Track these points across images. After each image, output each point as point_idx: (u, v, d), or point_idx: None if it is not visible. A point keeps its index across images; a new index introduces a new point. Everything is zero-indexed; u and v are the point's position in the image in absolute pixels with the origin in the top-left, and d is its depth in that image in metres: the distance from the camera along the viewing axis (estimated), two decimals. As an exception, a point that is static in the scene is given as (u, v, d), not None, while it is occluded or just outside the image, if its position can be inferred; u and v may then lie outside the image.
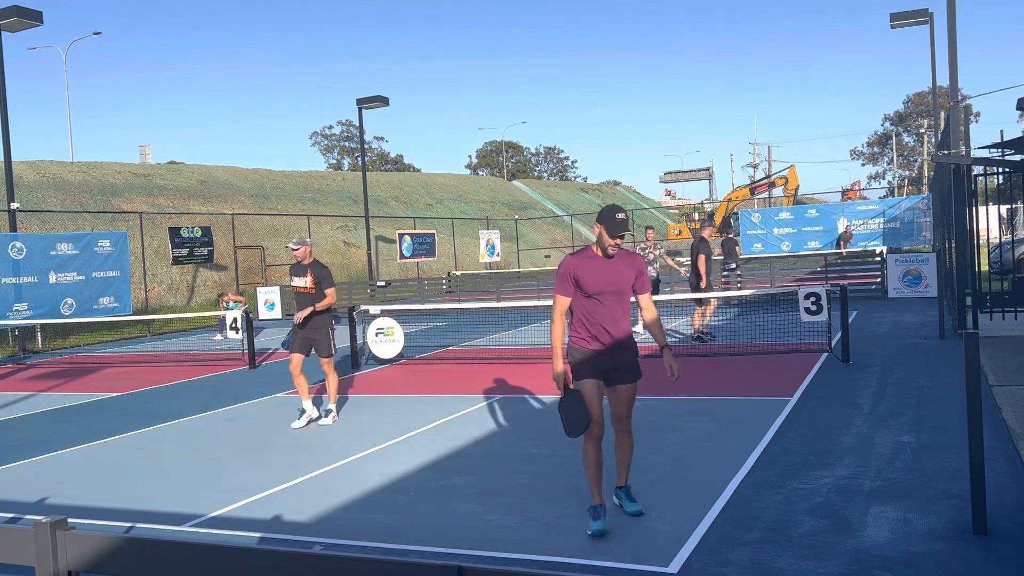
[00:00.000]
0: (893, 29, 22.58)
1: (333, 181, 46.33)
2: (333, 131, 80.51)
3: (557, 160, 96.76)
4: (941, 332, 12.45)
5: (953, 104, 13.08)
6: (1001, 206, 16.66)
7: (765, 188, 49.28)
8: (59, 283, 18.84)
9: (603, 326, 4.95)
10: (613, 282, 4.93)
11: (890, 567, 4.19)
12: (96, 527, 5.53)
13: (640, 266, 5.09)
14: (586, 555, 4.59)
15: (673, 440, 7.03)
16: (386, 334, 12.92)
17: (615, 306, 4.97)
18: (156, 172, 36.67)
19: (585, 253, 4.98)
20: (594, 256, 4.96)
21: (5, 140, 18.08)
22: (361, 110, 28.37)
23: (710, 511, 5.16)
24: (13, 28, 18.05)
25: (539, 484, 5.98)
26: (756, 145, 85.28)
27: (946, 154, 12.72)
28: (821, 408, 7.98)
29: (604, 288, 4.92)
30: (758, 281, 22.93)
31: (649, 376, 10.42)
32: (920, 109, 74.82)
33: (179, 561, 2.06)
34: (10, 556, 2.21)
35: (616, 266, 4.96)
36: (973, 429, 4.57)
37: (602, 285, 4.91)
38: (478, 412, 8.74)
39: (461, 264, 40.64)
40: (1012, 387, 8.18)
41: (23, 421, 9.87)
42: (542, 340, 14.78)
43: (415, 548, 4.84)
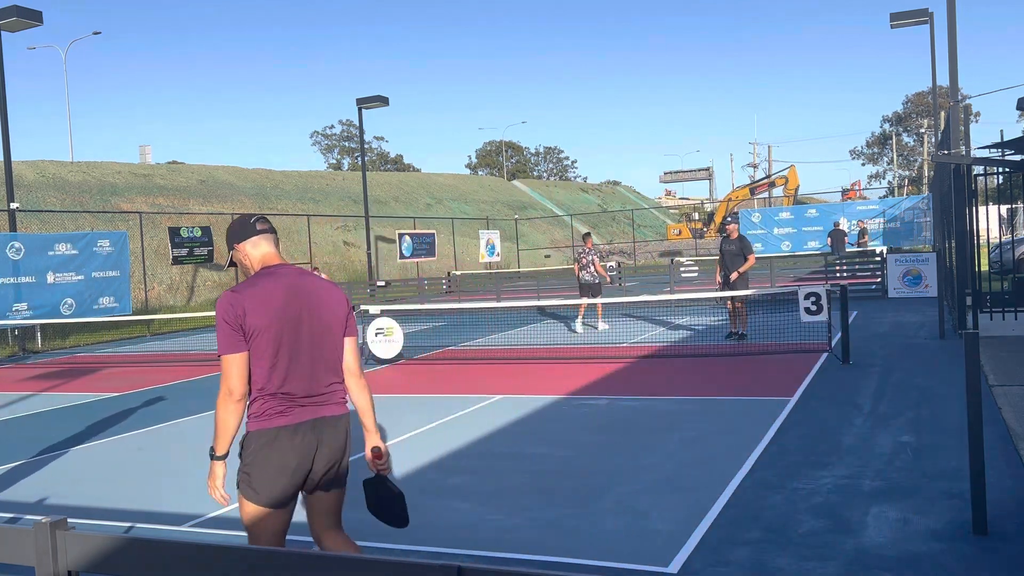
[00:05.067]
0: (893, 29, 22.58)
1: (333, 181, 46.32)
2: (333, 131, 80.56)
3: (557, 160, 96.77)
4: (941, 332, 12.45)
5: (953, 104, 13.08)
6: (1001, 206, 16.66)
7: (765, 188, 49.32)
8: (58, 283, 18.84)
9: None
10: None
11: (890, 567, 4.19)
12: (96, 527, 5.53)
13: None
14: (586, 555, 4.59)
15: (673, 440, 7.03)
16: (386, 334, 12.92)
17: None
18: (156, 172, 36.66)
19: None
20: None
21: (5, 140, 18.08)
22: (361, 110, 28.36)
23: (710, 511, 5.16)
24: (13, 28, 18.04)
25: (539, 484, 5.98)
26: (756, 145, 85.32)
27: (946, 154, 12.72)
28: (821, 408, 7.98)
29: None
30: (758, 281, 22.93)
31: (649, 376, 10.43)
32: (920, 109, 74.80)
33: (179, 561, 2.06)
34: (10, 556, 2.21)
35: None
36: (973, 429, 4.57)
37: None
38: (478, 412, 8.74)
39: (461, 264, 40.62)
40: (1012, 387, 8.18)
41: (23, 421, 9.87)
42: (542, 340, 14.78)
43: (415, 548, 4.84)
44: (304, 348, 3.29)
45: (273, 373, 3.23)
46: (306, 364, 3.29)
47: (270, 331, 3.22)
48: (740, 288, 12.90)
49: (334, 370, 3.39)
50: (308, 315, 3.31)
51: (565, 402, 8.98)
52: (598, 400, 8.97)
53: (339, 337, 3.42)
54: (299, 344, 3.28)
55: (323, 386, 3.34)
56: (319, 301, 3.36)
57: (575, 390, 9.64)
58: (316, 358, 3.32)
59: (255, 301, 3.22)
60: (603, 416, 8.16)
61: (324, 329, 3.34)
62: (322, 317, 3.34)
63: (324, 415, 3.32)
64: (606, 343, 13.86)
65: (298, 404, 3.28)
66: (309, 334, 3.31)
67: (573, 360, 12.11)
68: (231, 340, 3.20)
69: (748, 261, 12.90)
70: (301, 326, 3.29)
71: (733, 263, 13.02)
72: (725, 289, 13.00)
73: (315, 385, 3.31)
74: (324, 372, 3.34)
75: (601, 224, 56.36)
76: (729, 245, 13.10)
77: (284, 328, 3.25)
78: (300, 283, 3.36)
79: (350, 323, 3.48)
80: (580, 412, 8.40)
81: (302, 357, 3.29)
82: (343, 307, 3.44)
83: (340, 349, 3.43)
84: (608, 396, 9.15)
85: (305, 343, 3.30)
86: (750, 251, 13.01)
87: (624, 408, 8.48)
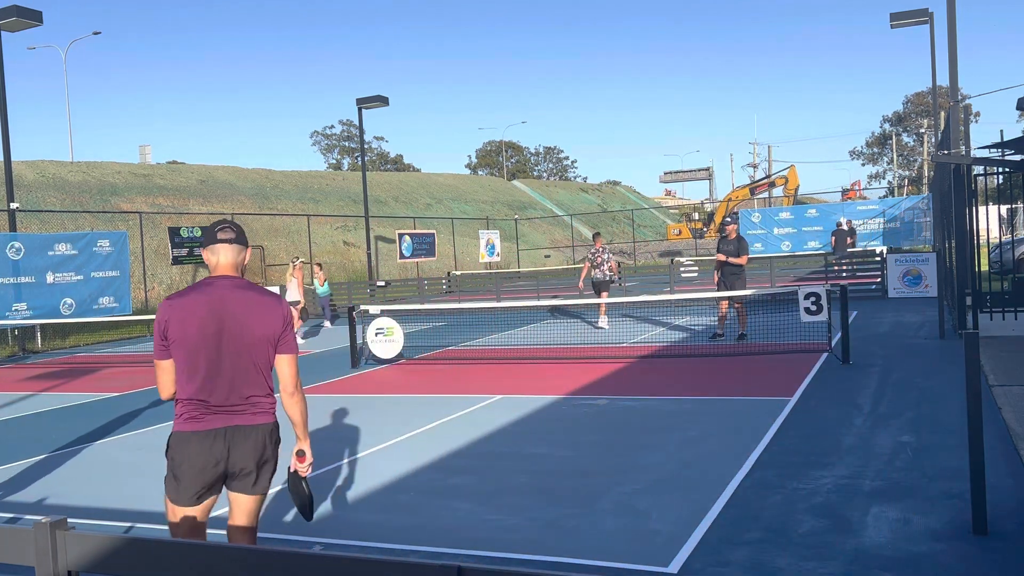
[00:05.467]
0: (893, 29, 22.58)
1: (333, 181, 46.33)
2: (333, 131, 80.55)
3: (557, 160, 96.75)
4: (941, 332, 12.45)
5: (953, 104, 13.08)
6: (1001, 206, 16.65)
7: (765, 188, 49.31)
8: (58, 283, 18.83)
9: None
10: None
11: (890, 567, 4.19)
12: (96, 527, 5.53)
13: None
14: (586, 555, 4.59)
15: (673, 440, 7.03)
16: (386, 334, 12.92)
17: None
18: (156, 172, 36.67)
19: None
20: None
21: (5, 140, 18.08)
22: (361, 110, 28.36)
23: (710, 511, 5.16)
24: (13, 28, 18.04)
25: (539, 484, 5.98)
26: (756, 145, 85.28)
27: (946, 154, 12.72)
28: (821, 408, 7.98)
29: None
30: (758, 281, 22.93)
31: (649, 376, 10.43)
32: (920, 109, 74.78)
33: (179, 561, 2.06)
34: (10, 556, 2.21)
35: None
36: (973, 429, 4.57)
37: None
38: (478, 412, 8.74)
39: (461, 264, 40.63)
40: (1012, 387, 8.18)
41: (23, 421, 9.87)
42: (542, 340, 14.78)
43: (415, 548, 4.84)
44: (223, 361, 3.40)
45: (189, 382, 3.40)
46: (224, 376, 3.40)
47: (187, 343, 3.38)
48: (738, 288, 12.90)
49: (255, 384, 3.44)
50: (228, 331, 3.40)
51: (565, 402, 8.98)
52: (598, 400, 8.97)
53: (264, 354, 3.46)
54: (218, 356, 3.40)
55: (240, 398, 3.42)
56: (244, 318, 3.42)
57: (575, 390, 9.64)
58: (236, 371, 3.41)
59: (178, 314, 3.39)
60: (603, 416, 8.16)
61: (245, 346, 3.41)
62: (243, 334, 3.41)
63: (237, 424, 3.41)
64: (606, 343, 13.86)
65: (212, 412, 3.40)
66: (229, 349, 3.41)
67: (573, 360, 12.11)
68: (158, 347, 3.46)
69: (739, 259, 12.91)
70: (221, 340, 3.39)
71: (730, 264, 13.03)
72: (723, 289, 13.00)
73: (231, 396, 3.41)
74: (242, 385, 3.42)
75: (601, 224, 56.35)
76: (727, 245, 13.10)
77: (201, 342, 3.38)
78: (228, 298, 3.44)
79: (284, 341, 3.50)
80: (580, 412, 8.40)
81: (220, 369, 3.40)
82: (274, 326, 3.46)
83: (264, 365, 3.47)
84: (608, 396, 9.15)
85: (224, 356, 3.40)
86: (745, 252, 13.03)
87: (624, 408, 8.48)
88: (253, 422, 3.43)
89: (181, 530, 3.45)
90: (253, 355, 3.42)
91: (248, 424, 3.42)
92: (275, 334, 3.47)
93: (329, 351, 15.20)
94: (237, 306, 3.42)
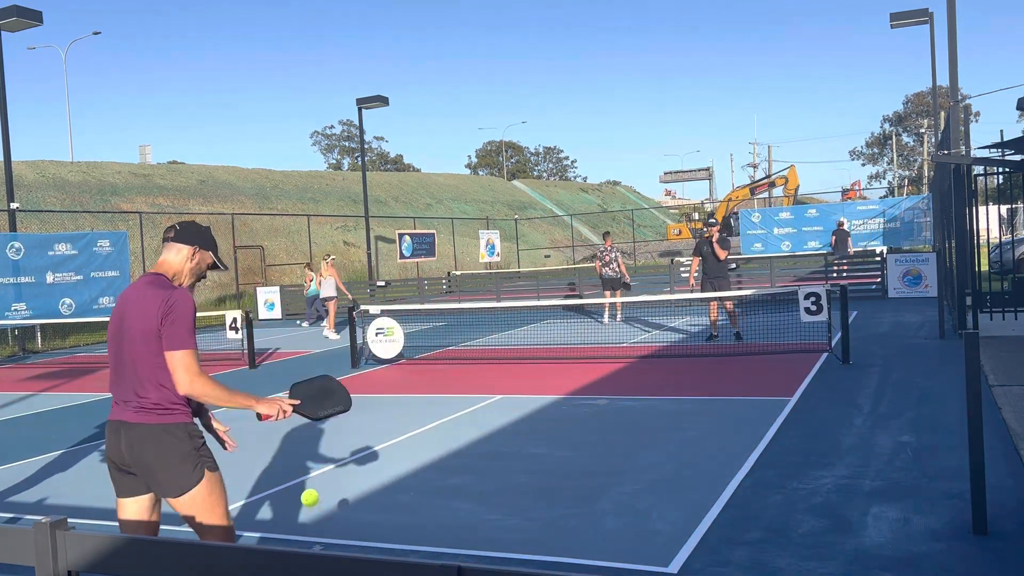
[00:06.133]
0: (893, 29, 22.59)
1: (333, 181, 46.33)
2: (333, 131, 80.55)
3: (557, 160, 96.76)
4: (941, 332, 12.45)
5: (953, 104, 13.09)
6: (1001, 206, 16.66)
7: (765, 188, 49.27)
8: (57, 283, 18.83)
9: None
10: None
11: (890, 567, 4.19)
12: (96, 527, 5.53)
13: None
14: (586, 555, 4.59)
15: (673, 440, 7.03)
16: (386, 334, 12.92)
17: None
18: (156, 172, 36.67)
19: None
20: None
21: (5, 140, 18.08)
22: (361, 110, 28.37)
23: (710, 511, 5.16)
24: (13, 28, 18.05)
25: (539, 484, 5.98)
26: (756, 145, 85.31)
27: (946, 154, 12.72)
28: (821, 408, 7.98)
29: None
30: (758, 281, 22.93)
31: (649, 376, 10.43)
32: (920, 109, 74.79)
33: (179, 561, 2.06)
34: (10, 556, 2.21)
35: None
36: (973, 429, 4.57)
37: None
38: (478, 412, 8.74)
39: (461, 264, 40.63)
40: (1012, 387, 8.18)
41: (23, 421, 9.87)
42: (542, 340, 14.78)
43: (415, 548, 4.84)
44: (121, 354, 3.43)
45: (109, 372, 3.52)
46: (120, 369, 3.44)
47: (109, 335, 3.51)
48: (724, 288, 12.91)
49: (139, 381, 3.36)
50: (125, 324, 3.41)
51: (565, 402, 8.98)
52: (598, 400, 8.97)
53: (146, 350, 3.35)
54: (118, 350, 3.44)
55: (129, 393, 3.40)
56: (132, 312, 3.40)
57: (575, 390, 9.64)
58: (126, 365, 3.41)
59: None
60: (603, 416, 8.16)
61: (131, 339, 3.38)
62: (132, 328, 3.38)
63: (124, 419, 3.39)
64: (606, 343, 13.86)
65: (115, 404, 3.47)
66: (125, 342, 3.41)
67: (573, 360, 12.11)
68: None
69: (717, 249, 12.95)
70: (121, 333, 3.43)
71: (714, 265, 13.05)
72: (707, 289, 12.99)
73: (123, 390, 3.42)
74: (131, 380, 3.39)
75: (601, 224, 56.35)
76: (709, 246, 13.09)
77: (112, 333, 3.48)
78: (132, 293, 3.47)
79: (165, 336, 3.31)
80: (580, 412, 8.40)
81: (118, 362, 3.45)
82: (151, 321, 3.33)
83: (144, 362, 3.35)
84: (608, 396, 9.15)
85: (122, 350, 3.42)
86: (727, 248, 13.06)
87: (624, 408, 8.48)
88: (134, 419, 3.35)
89: (123, 523, 3.45)
90: (136, 351, 3.36)
91: (131, 421, 3.36)
92: (149, 330, 3.33)
93: (329, 351, 15.20)
94: (131, 302, 3.43)
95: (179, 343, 3.31)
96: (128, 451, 3.35)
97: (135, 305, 3.39)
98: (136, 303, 3.39)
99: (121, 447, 3.37)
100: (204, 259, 3.59)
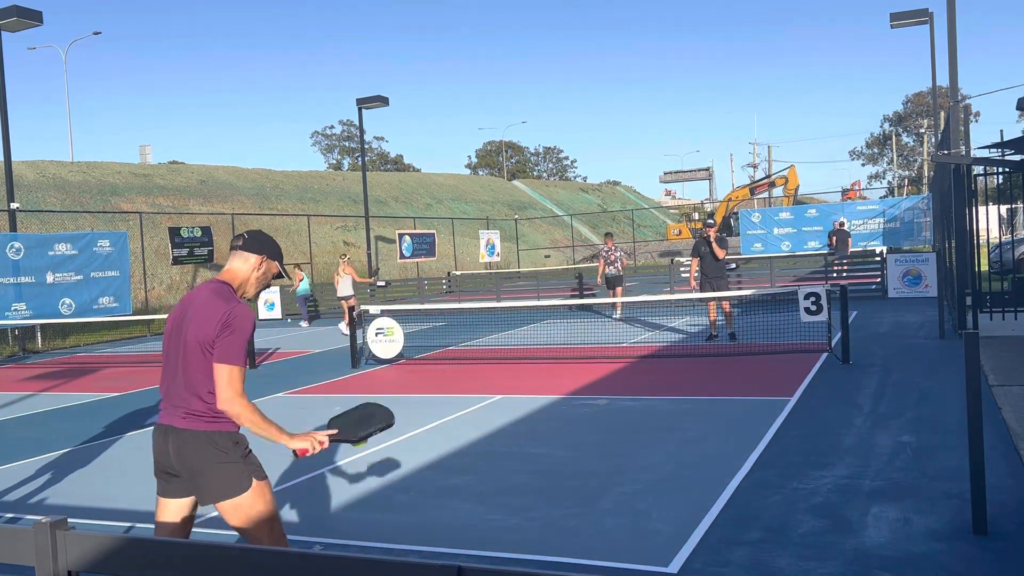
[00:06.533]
0: (893, 29, 22.59)
1: (333, 181, 46.34)
2: (333, 131, 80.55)
3: (557, 160, 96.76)
4: (941, 332, 12.45)
5: (953, 104, 13.08)
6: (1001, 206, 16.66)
7: (765, 188, 49.25)
8: (57, 283, 18.83)
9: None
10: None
11: (890, 567, 4.19)
12: (96, 527, 5.53)
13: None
14: (586, 555, 4.59)
15: (673, 440, 7.03)
16: (386, 334, 12.92)
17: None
18: (156, 172, 36.68)
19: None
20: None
21: (5, 140, 18.08)
22: (361, 110, 28.36)
23: (710, 511, 5.16)
24: (13, 28, 18.05)
25: (539, 484, 5.98)
26: (756, 145, 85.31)
27: (946, 154, 12.72)
28: (821, 408, 7.98)
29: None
30: (758, 281, 22.92)
31: (649, 376, 10.43)
32: (920, 109, 74.78)
33: (179, 561, 2.06)
34: (10, 556, 2.21)
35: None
36: (973, 429, 4.57)
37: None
38: (478, 412, 8.74)
39: (461, 264, 40.63)
40: (1012, 387, 8.18)
41: (23, 421, 9.87)
42: (542, 340, 14.78)
43: (415, 548, 4.84)
44: (174, 358, 3.46)
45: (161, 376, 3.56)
46: (171, 372, 3.46)
47: (165, 337, 3.54)
48: (723, 289, 12.91)
49: (189, 387, 3.38)
50: (182, 331, 3.44)
51: (565, 402, 8.98)
52: (598, 400, 8.97)
53: (197, 358, 3.37)
54: (172, 355, 3.48)
55: (178, 398, 3.42)
56: (191, 320, 3.41)
57: (575, 390, 9.64)
58: (178, 369, 3.43)
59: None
60: (603, 416, 8.16)
61: (184, 347, 3.40)
62: (187, 336, 3.40)
63: (172, 424, 3.41)
64: (606, 343, 13.86)
65: (164, 407, 3.48)
66: (179, 348, 3.44)
67: (573, 360, 12.11)
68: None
69: (715, 249, 12.98)
70: (177, 339, 3.46)
71: (713, 265, 13.05)
72: (706, 289, 13.00)
73: (172, 396, 3.45)
74: (182, 386, 3.41)
75: (601, 224, 56.37)
76: (707, 246, 13.10)
77: (169, 337, 3.51)
78: (192, 299, 3.49)
79: (218, 347, 3.32)
80: (580, 412, 8.40)
81: (170, 365, 3.48)
82: (208, 330, 3.34)
83: (196, 369, 3.37)
84: (608, 396, 9.15)
85: (176, 353, 3.45)
86: (724, 247, 13.10)
87: (624, 408, 8.48)
88: (181, 425, 3.37)
89: (160, 525, 3.47)
90: (188, 359, 3.38)
91: (177, 426, 3.37)
92: (205, 340, 3.34)
93: (329, 351, 15.20)
94: (190, 310, 3.44)
95: (230, 358, 3.33)
96: (176, 456, 3.36)
97: (196, 312, 3.40)
98: (198, 310, 3.40)
99: (168, 451, 3.38)
100: (271, 269, 3.63)
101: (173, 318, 3.50)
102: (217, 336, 3.32)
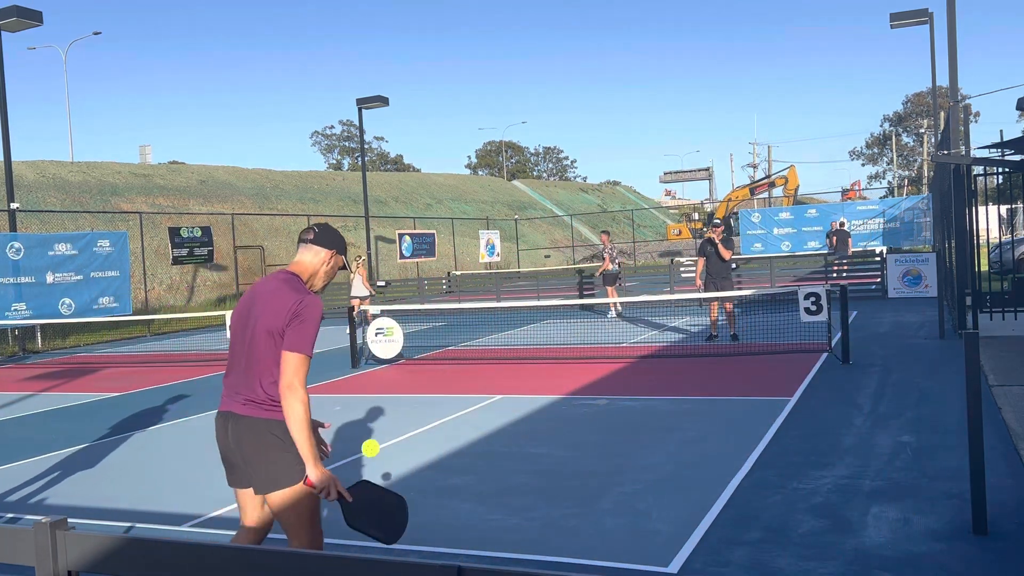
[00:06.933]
0: (893, 29, 22.59)
1: (333, 181, 46.34)
2: (333, 131, 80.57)
3: (557, 160, 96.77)
4: (941, 332, 12.45)
5: (953, 104, 13.08)
6: (1001, 206, 16.65)
7: (765, 188, 49.24)
8: (57, 283, 18.83)
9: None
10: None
11: (890, 567, 4.20)
12: (96, 527, 5.53)
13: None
14: (586, 555, 4.59)
15: (673, 440, 7.03)
16: (386, 334, 12.92)
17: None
18: (156, 172, 36.67)
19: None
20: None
21: (5, 140, 18.08)
22: (361, 110, 28.36)
23: (710, 511, 5.16)
24: (13, 28, 18.04)
25: (539, 484, 5.98)
26: (756, 145, 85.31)
27: (946, 154, 12.72)
28: (821, 408, 7.98)
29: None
30: (758, 281, 22.93)
31: (649, 376, 10.43)
32: (920, 109, 74.79)
33: (179, 561, 2.06)
34: (10, 556, 2.21)
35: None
36: (973, 429, 4.57)
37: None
38: (478, 412, 8.74)
39: (461, 264, 40.63)
40: (1012, 387, 8.18)
41: (23, 421, 9.87)
42: (542, 340, 14.78)
43: (415, 548, 4.84)
44: (240, 347, 3.49)
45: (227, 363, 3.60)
46: (236, 359, 3.51)
47: (232, 326, 3.60)
48: (727, 289, 12.92)
49: (253, 375, 3.41)
50: (250, 319, 3.48)
51: (565, 402, 8.98)
52: (598, 400, 8.97)
53: (266, 345, 3.39)
54: (239, 343, 3.51)
55: (242, 386, 3.44)
56: (260, 308, 3.45)
57: (575, 390, 9.64)
58: (243, 359, 3.47)
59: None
60: (603, 416, 8.16)
61: (253, 335, 3.43)
62: (256, 324, 3.43)
63: (232, 410, 3.44)
64: (606, 343, 13.86)
65: (226, 395, 3.53)
66: (246, 336, 3.47)
67: (573, 360, 12.11)
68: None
69: (721, 249, 12.96)
70: (245, 327, 3.49)
71: (718, 265, 13.05)
72: (710, 289, 13.00)
73: (236, 383, 3.48)
74: (245, 372, 3.44)
75: (601, 224, 56.36)
76: (713, 246, 13.10)
77: (236, 326, 3.56)
78: (261, 288, 3.53)
79: (288, 336, 3.34)
80: (580, 412, 8.40)
81: (236, 352, 3.52)
82: (278, 319, 3.36)
83: (264, 356, 3.39)
84: (608, 396, 9.15)
85: (242, 341, 3.49)
86: (730, 247, 13.14)
87: (624, 408, 8.48)
88: (242, 412, 3.39)
89: (241, 512, 3.56)
90: (256, 347, 3.41)
91: (238, 412, 3.40)
92: (274, 328, 3.37)
93: (329, 351, 15.20)
94: (259, 298, 3.48)
95: (299, 346, 3.34)
96: (235, 442, 3.41)
97: (266, 300, 3.44)
98: (268, 299, 3.43)
99: (228, 437, 3.44)
100: (338, 263, 3.68)
101: (240, 308, 3.55)
102: (288, 324, 3.35)
